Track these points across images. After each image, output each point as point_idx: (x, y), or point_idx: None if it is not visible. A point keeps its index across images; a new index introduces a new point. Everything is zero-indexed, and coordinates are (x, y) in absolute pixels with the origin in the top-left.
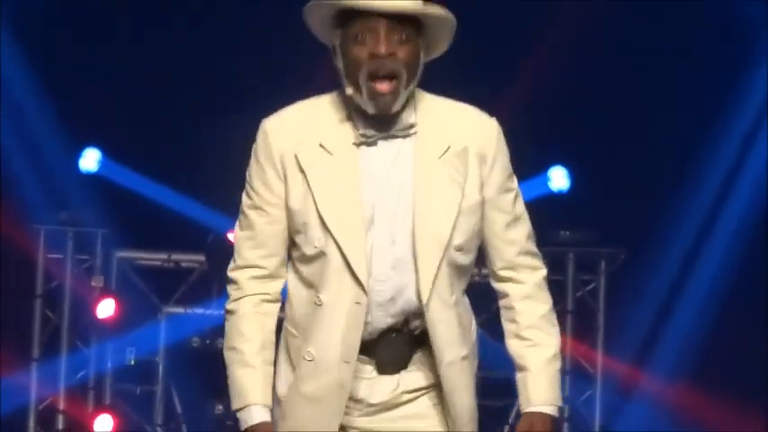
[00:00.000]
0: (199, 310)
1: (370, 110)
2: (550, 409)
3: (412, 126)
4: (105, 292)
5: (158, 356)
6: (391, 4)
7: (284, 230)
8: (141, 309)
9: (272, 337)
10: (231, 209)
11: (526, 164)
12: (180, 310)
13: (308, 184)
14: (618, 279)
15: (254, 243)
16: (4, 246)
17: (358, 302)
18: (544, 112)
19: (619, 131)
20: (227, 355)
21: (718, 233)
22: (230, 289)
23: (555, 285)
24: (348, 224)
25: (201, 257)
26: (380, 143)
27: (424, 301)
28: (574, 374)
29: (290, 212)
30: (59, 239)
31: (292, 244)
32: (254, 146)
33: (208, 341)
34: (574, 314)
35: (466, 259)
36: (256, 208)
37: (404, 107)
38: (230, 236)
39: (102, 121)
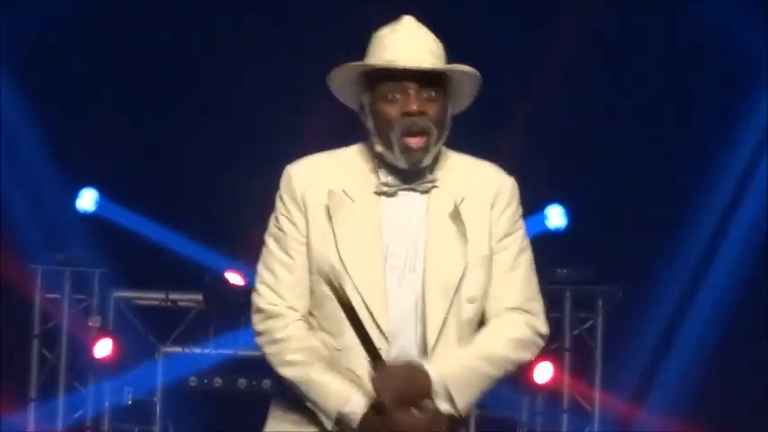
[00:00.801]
0: (196, 350)
1: (402, 164)
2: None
3: (432, 181)
4: (102, 332)
5: (156, 396)
6: (421, 63)
7: (307, 271)
8: (139, 348)
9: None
10: (228, 248)
11: (523, 202)
12: (177, 349)
13: (332, 228)
14: (615, 317)
15: (289, 281)
16: (2, 286)
17: (380, 348)
18: (541, 151)
19: (616, 169)
20: (293, 373)
21: (715, 270)
22: (271, 323)
23: (552, 323)
24: (369, 270)
25: (199, 297)
26: (400, 194)
27: (430, 347)
28: (572, 412)
29: (310, 252)
30: (57, 279)
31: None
32: (278, 191)
33: (205, 380)
34: (571, 352)
35: (476, 314)
36: (286, 250)
37: (430, 167)
38: (228, 275)
39: (100, 161)
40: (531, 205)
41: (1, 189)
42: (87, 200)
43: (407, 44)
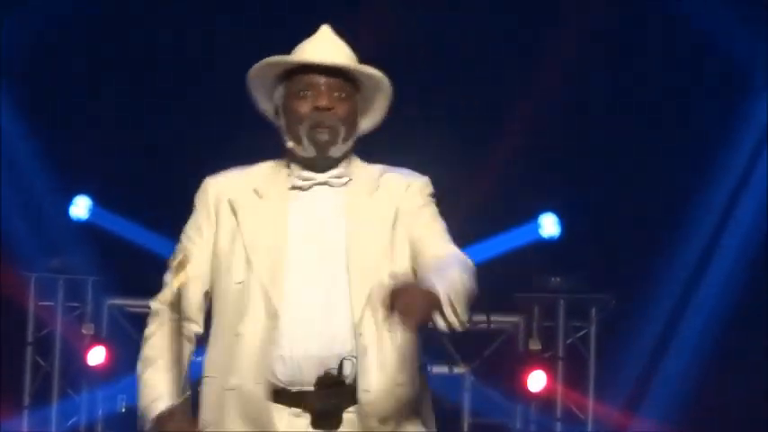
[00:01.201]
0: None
1: (311, 153)
2: (436, 287)
3: (345, 175)
4: (96, 340)
5: None
6: (332, 60)
7: (204, 275)
8: (132, 356)
9: (185, 359)
10: None
11: (517, 211)
12: None
13: (238, 224)
14: (609, 325)
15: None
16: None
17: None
18: (534, 160)
19: (609, 178)
20: (138, 367)
21: (710, 278)
22: (149, 320)
23: (546, 332)
24: (271, 259)
25: None
26: (315, 189)
27: (356, 320)
28: (565, 421)
29: (215, 254)
30: (50, 287)
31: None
32: (196, 200)
33: (198, 388)
34: (565, 360)
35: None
36: (191, 248)
37: (339, 161)
38: None
39: (94, 168)
40: (525, 214)
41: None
42: (81, 207)
43: (320, 46)
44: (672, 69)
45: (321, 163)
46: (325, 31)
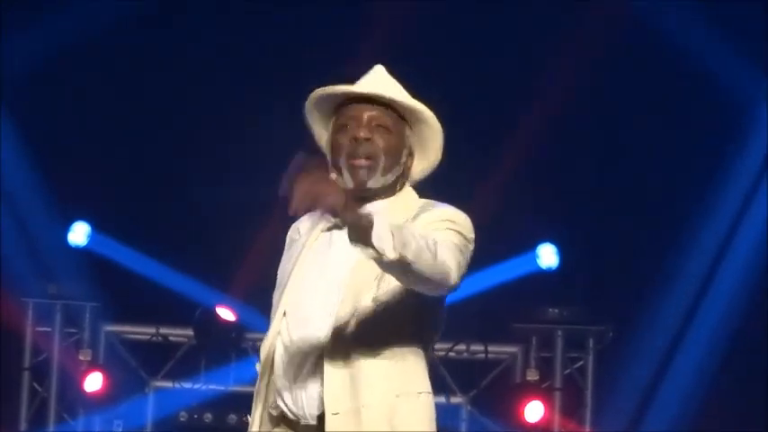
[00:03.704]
0: (187, 385)
1: (349, 183)
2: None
3: (383, 208)
4: (93, 366)
5: (146, 431)
6: (377, 91)
7: None
8: (129, 382)
9: None
10: (219, 283)
11: (515, 241)
12: (168, 384)
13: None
14: (606, 356)
15: None
16: None
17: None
18: (532, 190)
19: (607, 208)
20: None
21: (707, 308)
22: None
23: (544, 362)
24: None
25: (190, 332)
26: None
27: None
28: None
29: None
30: (48, 313)
31: None
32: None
33: (195, 416)
34: (562, 391)
35: (384, 312)
36: None
37: (381, 194)
38: (219, 310)
39: (91, 195)
40: (523, 244)
41: None
42: (79, 233)
43: (370, 80)
44: (672, 98)
45: (362, 195)
46: (378, 70)
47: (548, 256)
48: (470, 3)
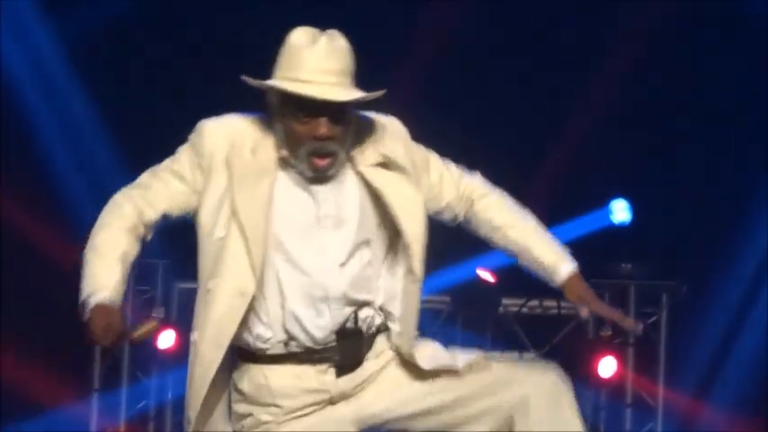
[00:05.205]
0: None
1: (308, 174)
2: (574, 266)
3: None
4: (166, 323)
5: None
6: (335, 94)
7: (174, 201)
8: None
9: (134, 254)
10: None
11: (588, 197)
12: None
13: (230, 182)
14: (680, 312)
15: (148, 190)
16: (68, 279)
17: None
18: (606, 145)
19: (681, 164)
20: (86, 253)
21: None
22: (110, 208)
23: None
24: (255, 214)
25: None
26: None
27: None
28: (635, 407)
29: (201, 204)
30: None
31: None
32: (188, 142)
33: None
34: (635, 347)
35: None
36: (170, 172)
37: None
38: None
39: (165, 147)
40: (596, 200)
41: (64, 178)
42: None
43: (319, 65)
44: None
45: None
46: (323, 44)
47: (620, 211)
48: None
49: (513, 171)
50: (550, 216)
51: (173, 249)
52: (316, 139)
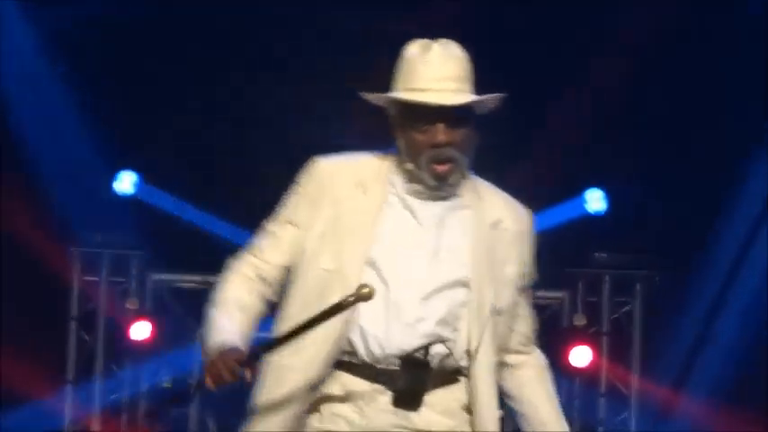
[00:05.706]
0: None
1: (431, 183)
2: None
3: (457, 194)
4: (140, 315)
5: (193, 379)
6: (451, 98)
7: (291, 248)
8: (176, 331)
9: (257, 309)
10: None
11: (563, 185)
12: None
13: (337, 216)
14: (654, 301)
15: (263, 251)
16: (41, 268)
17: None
18: (581, 134)
19: (656, 153)
20: (211, 309)
21: (756, 255)
22: (236, 266)
23: (590, 307)
24: (359, 249)
25: None
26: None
27: (474, 345)
28: (609, 396)
29: (307, 239)
30: (95, 262)
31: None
32: (301, 179)
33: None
34: (609, 336)
35: (503, 324)
36: (283, 223)
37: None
38: None
39: (139, 143)
40: (571, 189)
41: (41, 172)
42: (126, 182)
43: (436, 73)
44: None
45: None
46: (437, 53)
47: (595, 200)
48: None
49: (490, 159)
50: (525, 205)
51: (147, 240)
52: (434, 147)
